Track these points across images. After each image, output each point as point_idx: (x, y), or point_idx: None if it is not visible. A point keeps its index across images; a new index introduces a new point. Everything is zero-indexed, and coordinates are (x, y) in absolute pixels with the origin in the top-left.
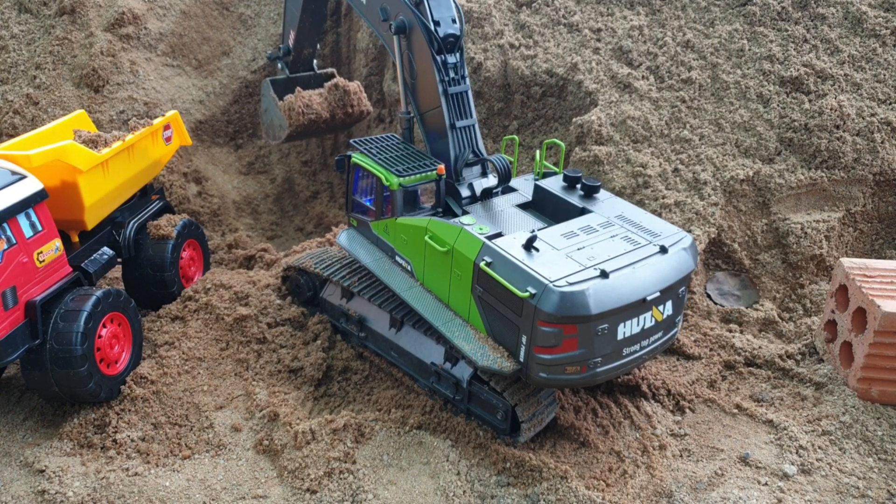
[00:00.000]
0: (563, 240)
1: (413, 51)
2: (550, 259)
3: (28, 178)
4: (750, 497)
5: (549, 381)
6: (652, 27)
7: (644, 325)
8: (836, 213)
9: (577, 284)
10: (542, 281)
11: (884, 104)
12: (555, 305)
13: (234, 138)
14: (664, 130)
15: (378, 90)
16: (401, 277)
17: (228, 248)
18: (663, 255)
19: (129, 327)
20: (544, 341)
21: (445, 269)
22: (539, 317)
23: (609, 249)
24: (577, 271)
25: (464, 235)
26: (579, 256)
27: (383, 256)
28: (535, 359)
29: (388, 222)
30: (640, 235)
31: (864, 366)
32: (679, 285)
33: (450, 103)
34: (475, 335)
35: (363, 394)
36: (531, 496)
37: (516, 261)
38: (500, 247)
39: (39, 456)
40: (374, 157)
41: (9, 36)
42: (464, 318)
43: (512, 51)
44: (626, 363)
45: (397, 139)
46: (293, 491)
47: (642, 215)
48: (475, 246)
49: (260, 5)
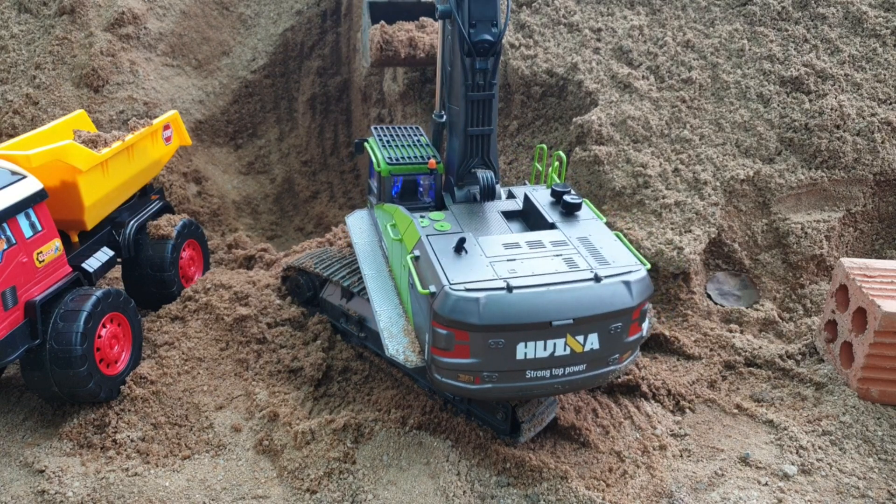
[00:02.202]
0: (501, 249)
1: (453, 41)
2: (469, 264)
3: (28, 178)
4: (750, 497)
5: (444, 385)
6: (652, 27)
7: (554, 352)
8: (836, 213)
9: (474, 292)
10: (442, 282)
11: (884, 104)
12: (446, 308)
13: (233, 138)
14: (664, 130)
15: (378, 90)
16: (375, 261)
17: (228, 248)
18: (594, 283)
19: (129, 327)
20: (438, 343)
21: (399, 257)
22: (434, 317)
23: (539, 267)
24: (483, 280)
25: (411, 227)
26: (500, 267)
27: (373, 240)
28: (433, 359)
29: (378, 206)
30: (585, 260)
31: (865, 366)
32: (608, 319)
33: (468, 108)
34: (404, 326)
35: (363, 394)
36: (531, 496)
37: (434, 258)
38: (431, 244)
39: (39, 456)
40: (381, 142)
41: (9, 36)
42: (405, 309)
43: (512, 51)
44: (530, 387)
45: (419, 131)
46: (293, 491)
47: (609, 242)
48: (414, 238)
49: (260, 5)
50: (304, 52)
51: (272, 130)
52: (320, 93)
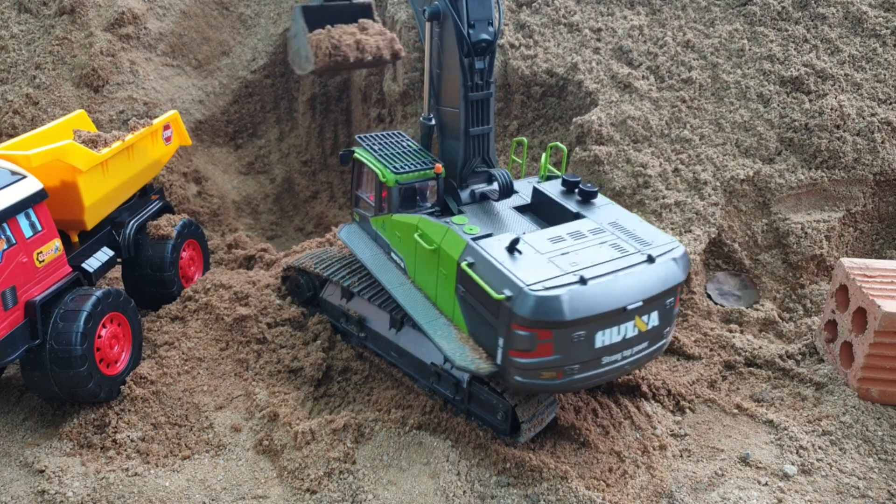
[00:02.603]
0: (549, 244)
1: (443, 43)
2: (531, 263)
3: (28, 178)
4: (750, 497)
5: (525, 386)
6: (652, 27)
7: (625, 335)
8: (836, 213)
9: (554, 289)
10: (517, 284)
11: (884, 104)
12: (529, 309)
13: (234, 138)
14: (664, 130)
15: (378, 90)
16: (393, 274)
17: (228, 248)
18: (650, 264)
19: (129, 327)
20: (519, 345)
21: (433, 267)
22: (514, 320)
23: (594, 256)
24: (555, 276)
25: (450, 235)
26: (561, 262)
27: (380, 252)
28: (511, 362)
29: (384, 218)
30: (630, 243)
31: (865, 366)
32: (665, 296)
33: (469, 109)
34: (457, 335)
35: (363, 394)
36: (531, 496)
37: (496, 262)
38: (483, 248)
39: (39, 456)
40: (375, 153)
41: (9, 36)
42: (448, 318)
43: (512, 51)
44: (605, 372)
45: (404, 137)
46: (293, 491)
47: (637, 223)
48: (459, 245)
49: (260, 5)
50: None
51: (272, 130)
52: (320, 93)
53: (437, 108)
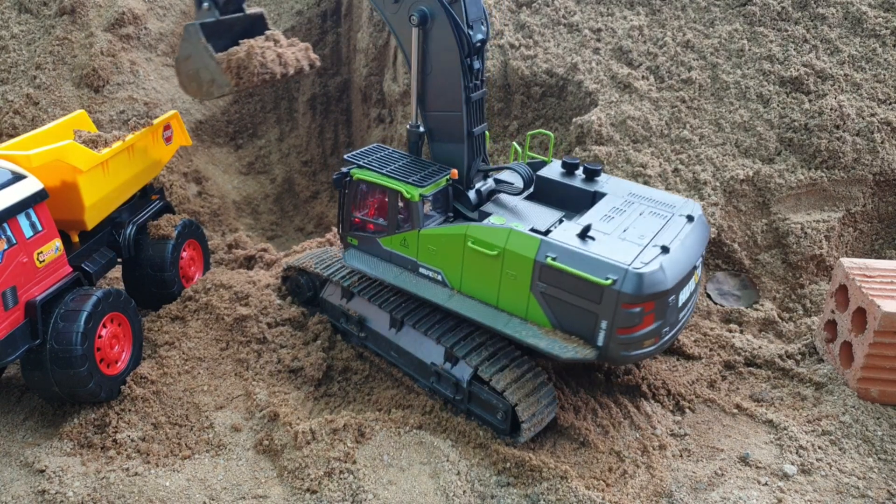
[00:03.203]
0: (603, 224)
1: (430, 46)
2: (610, 244)
3: (28, 178)
4: (750, 497)
5: (629, 358)
6: (652, 27)
7: (691, 290)
8: (836, 213)
9: (651, 264)
10: (620, 266)
11: (884, 104)
12: (638, 287)
13: (234, 138)
14: (664, 130)
15: (378, 90)
16: (434, 288)
17: (228, 248)
18: (691, 223)
19: (130, 327)
20: (628, 322)
21: (492, 272)
22: (623, 300)
23: (649, 226)
24: (641, 252)
25: (515, 236)
26: (631, 238)
27: (403, 271)
28: (617, 340)
29: (405, 235)
30: (662, 208)
31: (864, 366)
32: (704, 248)
33: (470, 110)
34: (541, 331)
35: (363, 394)
36: (531, 496)
37: (582, 251)
38: (560, 241)
39: (39, 456)
40: (380, 170)
41: (9, 36)
42: (521, 317)
43: (512, 51)
44: (679, 328)
45: (387, 148)
46: (293, 491)
47: (648, 190)
48: (532, 243)
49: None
50: None
51: (272, 130)
52: (320, 93)
53: (426, 114)
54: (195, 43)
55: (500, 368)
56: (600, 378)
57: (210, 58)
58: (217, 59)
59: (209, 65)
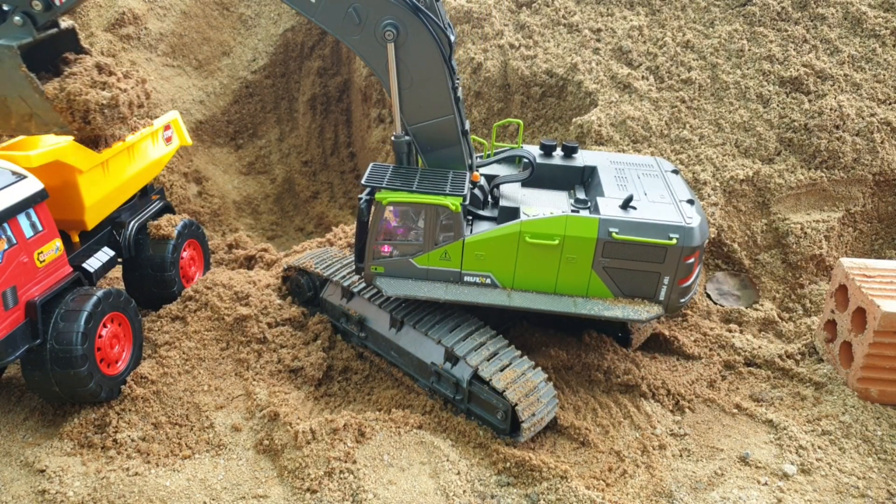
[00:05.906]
0: (624, 192)
1: (408, 58)
2: (652, 208)
3: (28, 178)
4: (750, 497)
5: (684, 305)
6: (652, 27)
7: None
8: (835, 213)
9: (694, 217)
10: (679, 225)
11: (884, 104)
12: (696, 239)
13: (234, 138)
14: (664, 130)
15: (378, 90)
16: (488, 293)
17: (229, 248)
18: (678, 175)
19: (130, 327)
20: (687, 272)
21: (551, 260)
22: (684, 254)
23: (657, 186)
24: (676, 208)
25: (573, 220)
26: (655, 198)
27: (447, 285)
28: (678, 290)
29: (447, 248)
30: (647, 170)
31: (864, 366)
32: None
33: (460, 109)
34: (608, 302)
35: (363, 394)
36: (531, 496)
37: (642, 220)
38: (615, 216)
39: (40, 456)
40: (408, 188)
41: None
42: (582, 296)
43: (512, 51)
44: None
45: (388, 165)
46: (293, 491)
47: (620, 156)
48: (592, 224)
49: (260, 5)
50: (304, 53)
51: (272, 131)
52: (320, 93)
53: (412, 128)
54: (12, 68)
55: (501, 368)
56: (600, 378)
57: (30, 88)
58: (44, 93)
59: (30, 97)
